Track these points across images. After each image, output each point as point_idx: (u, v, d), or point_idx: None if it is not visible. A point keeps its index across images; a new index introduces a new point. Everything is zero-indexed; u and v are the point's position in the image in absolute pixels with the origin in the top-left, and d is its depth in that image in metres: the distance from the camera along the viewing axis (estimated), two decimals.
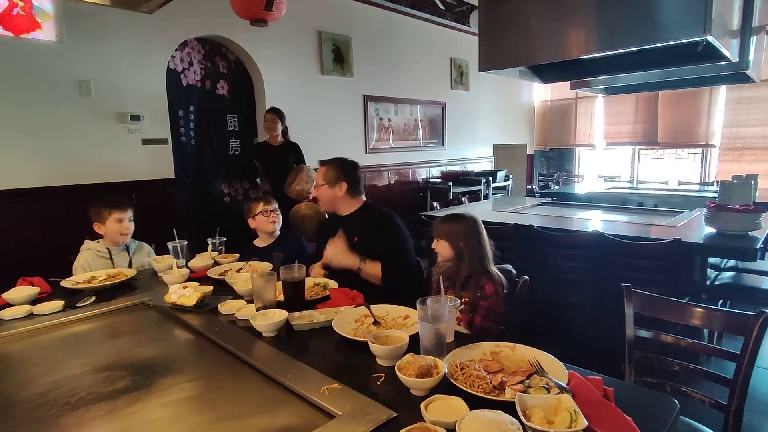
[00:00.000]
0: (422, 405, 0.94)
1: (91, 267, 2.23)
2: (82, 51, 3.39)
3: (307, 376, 1.14)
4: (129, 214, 2.34)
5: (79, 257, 2.29)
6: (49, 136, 3.31)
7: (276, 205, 2.51)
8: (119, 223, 2.29)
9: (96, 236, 2.35)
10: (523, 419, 0.87)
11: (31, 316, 1.64)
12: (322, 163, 2.22)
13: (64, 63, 3.32)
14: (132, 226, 2.36)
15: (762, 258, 2.54)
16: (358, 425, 0.92)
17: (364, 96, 5.51)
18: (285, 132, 4.21)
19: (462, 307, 1.66)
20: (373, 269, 1.98)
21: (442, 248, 1.82)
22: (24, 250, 3.15)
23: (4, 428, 1.03)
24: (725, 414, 1.37)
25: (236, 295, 1.75)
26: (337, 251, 1.98)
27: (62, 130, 3.36)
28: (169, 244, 2.22)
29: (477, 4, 2.64)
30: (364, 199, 2.25)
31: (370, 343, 1.20)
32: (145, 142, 3.77)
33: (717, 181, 5.11)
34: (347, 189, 2.15)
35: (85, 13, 3.36)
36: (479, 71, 2.59)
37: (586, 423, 0.85)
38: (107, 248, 2.32)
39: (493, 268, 1.76)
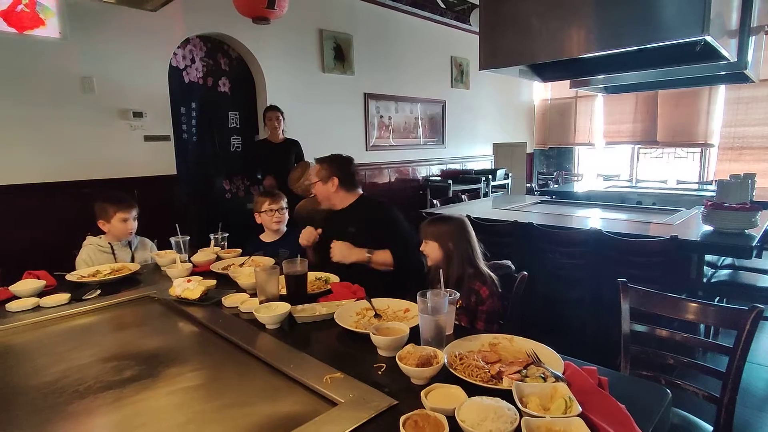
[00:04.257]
0: (422, 393, 0.97)
1: (93, 262, 2.24)
2: (86, 48, 3.42)
3: (310, 366, 1.17)
4: (134, 213, 2.35)
5: (81, 252, 2.30)
6: (52, 132, 3.33)
7: (283, 204, 2.51)
8: (124, 223, 2.29)
9: (98, 231, 2.35)
10: (519, 406, 0.90)
11: (37, 308, 1.67)
12: (317, 160, 2.32)
13: (68, 60, 3.35)
14: (135, 225, 2.36)
15: (758, 256, 2.57)
16: (360, 412, 0.95)
17: (365, 94, 5.53)
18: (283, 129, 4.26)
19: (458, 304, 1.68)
20: (382, 257, 2.08)
21: (431, 249, 1.79)
22: (28, 244, 3.18)
23: (16, 415, 1.06)
24: (718, 406, 1.40)
25: (239, 290, 1.78)
26: (343, 249, 2.07)
27: (65, 126, 3.38)
28: (172, 239, 2.24)
29: (478, 3, 2.66)
30: (360, 192, 2.33)
31: (371, 334, 1.22)
32: (148, 138, 3.80)
33: (715, 181, 5.13)
34: (339, 184, 2.25)
35: (88, 11, 3.38)
36: (479, 70, 2.62)
37: (580, 409, 0.87)
38: (109, 243, 2.33)
39: (484, 268, 1.76)
